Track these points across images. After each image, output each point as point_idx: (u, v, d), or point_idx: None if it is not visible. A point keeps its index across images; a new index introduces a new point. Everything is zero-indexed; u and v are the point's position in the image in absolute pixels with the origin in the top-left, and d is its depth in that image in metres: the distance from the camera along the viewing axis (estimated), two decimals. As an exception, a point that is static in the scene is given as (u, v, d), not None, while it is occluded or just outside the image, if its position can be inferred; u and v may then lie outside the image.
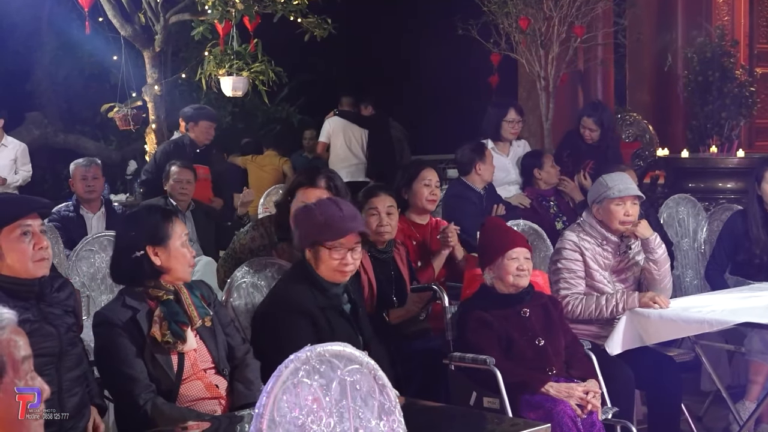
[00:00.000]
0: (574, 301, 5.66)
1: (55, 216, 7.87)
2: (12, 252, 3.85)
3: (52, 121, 14.96)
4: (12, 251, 3.84)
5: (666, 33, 13.61)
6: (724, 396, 5.86)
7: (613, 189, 5.70)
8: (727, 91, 12.12)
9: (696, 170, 10.63)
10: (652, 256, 5.75)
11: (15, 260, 3.86)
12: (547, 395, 4.94)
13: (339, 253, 4.56)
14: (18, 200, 4.20)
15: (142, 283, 4.22)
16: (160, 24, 9.69)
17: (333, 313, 4.63)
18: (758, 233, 6.52)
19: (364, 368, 3.20)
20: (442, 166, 11.50)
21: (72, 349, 4.00)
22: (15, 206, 4.02)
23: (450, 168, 11.56)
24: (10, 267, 3.85)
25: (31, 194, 12.10)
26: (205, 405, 4.17)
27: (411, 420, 3.30)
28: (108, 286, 6.22)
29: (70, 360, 3.98)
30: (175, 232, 4.23)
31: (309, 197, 5.08)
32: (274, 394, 3.01)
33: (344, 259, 4.58)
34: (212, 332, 4.30)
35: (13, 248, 3.84)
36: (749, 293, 6.08)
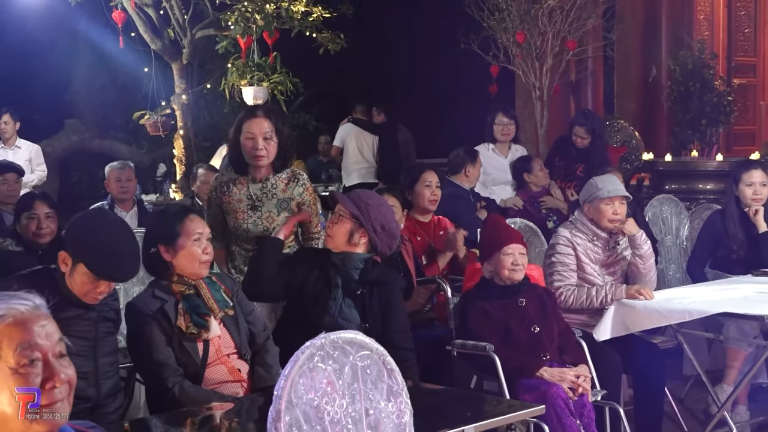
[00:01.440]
0: (567, 292, 5.66)
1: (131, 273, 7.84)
2: (80, 282, 3.86)
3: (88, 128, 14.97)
4: (81, 282, 3.86)
5: (651, 47, 13.61)
6: (704, 380, 5.84)
7: (603, 190, 5.70)
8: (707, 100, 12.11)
9: (678, 173, 10.62)
10: (638, 251, 5.75)
11: (78, 288, 3.88)
12: (542, 379, 4.93)
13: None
14: (124, 262, 4.19)
15: (165, 277, 4.24)
16: (187, 38, 9.69)
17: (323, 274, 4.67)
18: (735, 231, 6.50)
19: (374, 354, 3.20)
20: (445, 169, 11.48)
21: (107, 338, 4.02)
22: (118, 269, 4.01)
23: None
24: (73, 286, 3.88)
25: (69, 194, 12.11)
26: (229, 388, 4.17)
27: (417, 401, 3.30)
28: (139, 279, 6.20)
29: (105, 346, 4.00)
30: (186, 230, 4.19)
31: (253, 128, 5.06)
32: (291, 377, 3.01)
33: None
34: (235, 320, 4.31)
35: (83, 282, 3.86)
36: (727, 286, 6.08)
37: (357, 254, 4.64)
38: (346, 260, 4.63)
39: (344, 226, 4.63)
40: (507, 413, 4.00)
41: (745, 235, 6.50)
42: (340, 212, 4.66)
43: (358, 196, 4.73)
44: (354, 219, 4.61)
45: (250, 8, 9.18)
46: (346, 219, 4.63)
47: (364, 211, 4.61)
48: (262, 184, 5.17)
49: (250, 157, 5.09)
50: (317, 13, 9.54)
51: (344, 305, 4.62)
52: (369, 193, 4.88)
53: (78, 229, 3.98)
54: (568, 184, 8.52)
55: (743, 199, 6.49)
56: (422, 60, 15.87)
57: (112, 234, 4.05)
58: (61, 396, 2.25)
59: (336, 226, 4.66)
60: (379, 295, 4.67)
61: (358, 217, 4.60)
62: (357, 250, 4.64)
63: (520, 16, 11.13)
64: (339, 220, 4.65)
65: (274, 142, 5.12)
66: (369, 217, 4.61)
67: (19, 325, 2.23)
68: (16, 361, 2.20)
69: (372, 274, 4.67)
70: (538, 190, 8.18)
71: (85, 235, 3.94)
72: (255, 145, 5.07)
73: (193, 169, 9.27)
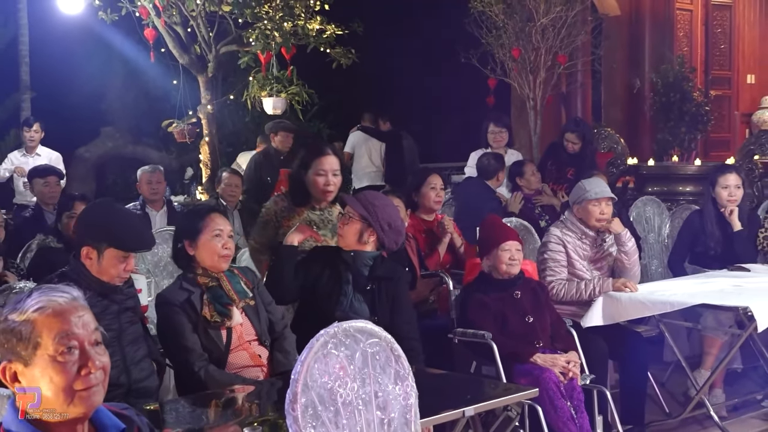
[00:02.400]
0: (558, 285, 5.65)
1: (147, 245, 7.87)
2: (107, 265, 3.91)
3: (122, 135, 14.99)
4: (108, 265, 3.91)
5: (635, 61, 13.60)
6: (684, 365, 5.84)
7: (591, 192, 5.70)
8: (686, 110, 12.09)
9: (660, 176, 10.60)
10: (623, 248, 5.75)
11: (105, 271, 3.92)
12: (535, 364, 4.94)
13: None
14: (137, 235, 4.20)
15: (191, 270, 4.26)
16: (212, 54, 9.70)
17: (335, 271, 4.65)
18: (712, 229, 6.50)
19: (383, 341, 3.21)
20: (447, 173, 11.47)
21: (129, 327, 4.02)
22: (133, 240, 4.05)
23: (454, 174, 11.54)
24: (101, 272, 3.91)
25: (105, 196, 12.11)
26: (250, 372, 4.18)
27: (421, 385, 3.30)
28: (169, 272, 6.23)
29: (129, 335, 4.00)
30: (206, 227, 4.23)
31: (324, 165, 5.05)
32: (307, 362, 3.01)
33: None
34: (255, 310, 4.32)
35: (109, 263, 3.91)
36: (704, 279, 6.08)
37: (366, 252, 4.63)
38: (356, 258, 4.61)
39: (354, 227, 4.62)
40: (503, 396, 4.01)
41: (721, 233, 6.49)
42: (350, 214, 4.65)
43: (365, 198, 4.71)
44: (363, 219, 4.60)
45: (269, 26, 9.18)
46: (356, 220, 4.62)
47: (371, 211, 4.60)
48: (321, 211, 5.18)
49: (319, 192, 5.08)
50: (330, 30, 9.54)
51: (354, 300, 4.60)
52: (375, 194, 4.86)
53: (91, 219, 4.02)
54: (560, 186, 8.52)
55: (719, 201, 6.48)
56: (425, 73, 15.88)
57: (122, 212, 4.20)
58: (96, 381, 2.24)
59: (346, 227, 4.65)
60: (387, 290, 4.65)
61: (366, 217, 4.59)
62: (366, 248, 4.63)
63: (515, 33, 11.13)
64: (349, 222, 4.64)
65: (340, 176, 5.14)
66: (377, 216, 4.59)
67: (58, 315, 2.23)
68: (55, 349, 2.20)
69: (380, 270, 4.65)
70: (531, 192, 8.18)
71: (101, 221, 4.00)
72: (326, 181, 5.07)
73: (217, 172, 9.27)
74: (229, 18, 9.48)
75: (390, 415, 3.19)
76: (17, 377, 2.22)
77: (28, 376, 2.21)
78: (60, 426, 2.23)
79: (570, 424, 4.79)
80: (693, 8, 14.04)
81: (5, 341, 2.22)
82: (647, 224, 7.92)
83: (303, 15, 9.34)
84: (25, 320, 2.21)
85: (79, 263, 3.91)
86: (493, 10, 11.14)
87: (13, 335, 2.21)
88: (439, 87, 15.80)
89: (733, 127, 14.33)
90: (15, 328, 2.21)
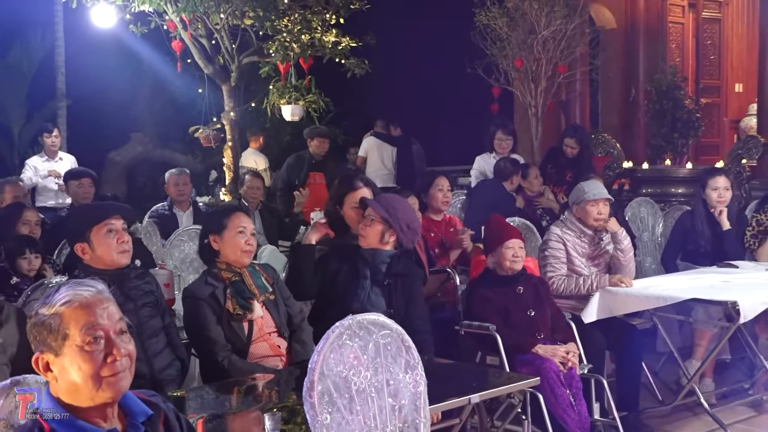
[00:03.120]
0: (558, 281, 5.64)
1: (154, 214, 7.89)
2: (100, 245, 3.93)
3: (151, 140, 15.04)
4: (100, 245, 3.92)
5: (630, 71, 13.57)
6: (676, 356, 5.83)
7: (589, 193, 5.69)
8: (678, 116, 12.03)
9: (654, 178, 10.58)
10: (619, 246, 5.73)
11: (103, 252, 3.93)
12: (537, 355, 4.93)
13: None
14: (105, 205, 4.26)
15: (215, 265, 4.27)
16: (234, 64, 9.70)
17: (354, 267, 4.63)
18: (703, 228, 6.48)
19: (394, 333, 3.20)
20: (454, 175, 11.47)
21: (149, 321, 4.01)
22: (102, 209, 4.11)
23: (460, 177, 11.53)
24: (99, 258, 3.93)
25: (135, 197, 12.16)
26: (270, 361, 4.18)
27: (430, 373, 3.30)
28: (194, 268, 6.23)
29: (149, 329, 3.99)
30: (231, 224, 4.26)
31: (356, 198, 4.99)
32: (323, 352, 3.01)
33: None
34: (275, 303, 4.32)
35: (101, 242, 3.93)
36: (695, 275, 6.06)
37: (385, 251, 4.62)
38: (375, 256, 4.60)
39: (376, 228, 4.60)
40: (507, 384, 4.01)
41: (711, 232, 6.47)
42: (372, 216, 4.63)
43: (386, 201, 4.70)
44: (384, 221, 4.59)
45: (288, 38, 9.19)
46: (378, 222, 4.61)
47: (392, 214, 4.59)
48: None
49: (356, 224, 4.97)
50: (345, 42, 9.54)
51: (372, 293, 4.59)
52: (394, 197, 4.85)
53: (67, 223, 4.08)
54: (559, 188, 8.51)
55: (709, 202, 6.46)
56: (434, 82, 15.86)
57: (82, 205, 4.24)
58: (122, 367, 2.25)
59: (369, 228, 4.62)
60: (402, 286, 4.65)
61: (387, 219, 4.58)
62: (386, 248, 4.63)
63: (518, 44, 11.11)
64: (371, 224, 4.62)
65: None
66: (397, 219, 4.59)
67: (84, 308, 2.25)
68: (82, 339, 2.22)
69: (397, 267, 4.65)
70: (533, 194, 8.18)
71: (73, 218, 4.07)
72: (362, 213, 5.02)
73: (240, 175, 9.28)
74: (250, 31, 9.49)
75: (401, 401, 3.19)
76: (49, 366, 2.23)
77: (58, 365, 2.22)
78: (91, 410, 2.24)
79: (569, 411, 4.78)
80: (684, 21, 14.04)
81: (37, 334, 2.24)
82: (642, 224, 7.90)
83: (320, 28, 9.34)
84: (53, 313, 2.23)
85: (84, 265, 3.94)
86: (498, 23, 11.14)
87: (44, 328, 2.23)
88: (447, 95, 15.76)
89: (722, 132, 14.30)
90: (45, 321, 2.23)
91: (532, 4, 10.96)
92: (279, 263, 5.78)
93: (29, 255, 5.26)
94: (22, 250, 5.26)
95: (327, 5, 9.43)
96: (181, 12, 8.95)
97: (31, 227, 5.94)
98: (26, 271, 5.23)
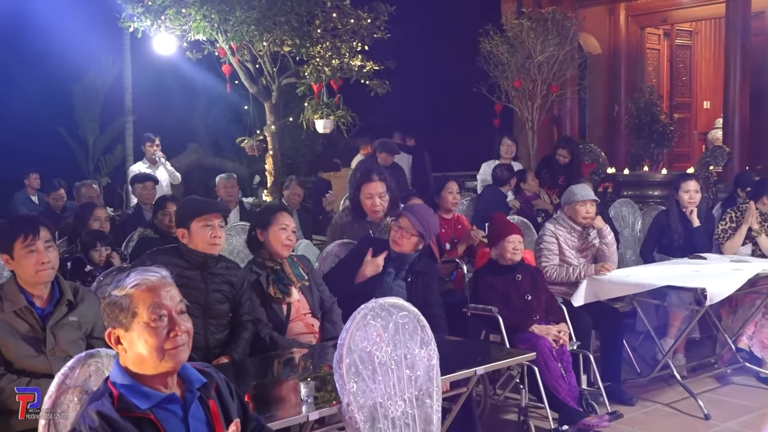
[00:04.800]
0: (551, 270, 5.61)
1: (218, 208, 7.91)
2: (196, 235, 3.94)
3: (204, 149, 15.10)
4: (196, 234, 3.94)
5: (613, 90, 13.52)
6: (652, 334, 5.80)
7: (578, 195, 5.67)
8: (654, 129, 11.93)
9: (633, 182, 10.51)
10: (604, 240, 5.70)
11: (197, 241, 3.94)
12: (533, 333, 4.91)
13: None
14: (208, 203, 4.23)
15: (260, 255, 4.27)
16: (275, 85, 9.72)
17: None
18: (676, 225, 6.42)
19: (411, 314, 3.21)
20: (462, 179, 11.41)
21: (217, 305, 3.96)
22: (205, 206, 4.08)
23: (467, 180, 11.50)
24: (194, 244, 3.94)
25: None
26: (305, 338, 4.18)
27: (441, 349, 3.29)
28: (241, 259, 6.23)
29: (214, 311, 3.96)
30: (277, 221, 4.27)
31: (370, 190, 5.08)
32: (350, 331, 3.01)
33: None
34: (310, 289, 4.32)
35: (197, 233, 3.94)
36: (669, 265, 6.02)
37: (411, 255, 4.69)
38: (402, 257, 4.67)
39: (413, 240, 4.66)
40: (507, 358, 4.00)
41: (683, 228, 6.42)
42: (409, 230, 4.64)
43: (421, 216, 4.68)
44: (420, 235, 4.64)
45: (321, 63, 9.20)
46: (415, 236, 4.64)
47: (426, 228, 4.65)
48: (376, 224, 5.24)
49: (369, 211, 5.08)
50: (369, 66, 9.54)
51: (395, 285, 4.64)
52: (426, 211, 4.83)
53: (177, 211, 4.10)
54: (552, 191, 8.48)
55: (682, 202, 6.41)
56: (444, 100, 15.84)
57: (193, 198, 4.32)
58: (182, 342, 2.27)
59: (406, 240, 4.65)
60: (422, 281, 4.71)
61: (423, 234, 4.64)
62: (413, 252, 4.68)
63: (517, 68, 11.09)
64: (409, 237, 4.65)
65: (387, 197, 5.12)
66: (429, 232, 4.69)
67: (150, 290, 2.27)
68: (149, 317, 2.24)
69: (419, 266, 4.72)
70: (530, 195, 8.16)
71: (182, 208, 4.06)
72: (373, 203, 5.06)
73: (279, 178, 9.28)
74: (288, 56, 9.50)
75: (416, 373, 3.19)
76: (119, 340, 2.26)
77: (128, 339, 2.25)
78: (154, 378, 2.26)
79: (560, 381, 4.76)
80: (660, 48, 13.99)
81: (110, 312, 2.26)
82: (623, 221, 7.85)
83: (347, 54, 9.34)
84: (125, 295, 2.25)
85: (181, 243, 3.98)
86: (499, 49, 11.13)
87: (116, 307, 2.25)
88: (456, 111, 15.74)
89: (692, 143, 14.21)
90: (117, 301, 2.25)
91: (529, 34, 10.94)
92: (313, 255, 5.77)
93: (99, 247, 5.30)
94: (94, 243, 5.30)
95: (354, 35, 9.42)
96: (229, 40, 8.98)
97: (101, 223, 5.97)
98: (97, 260, 5.27)
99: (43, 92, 12.64)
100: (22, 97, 12.15)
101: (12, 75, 12.11)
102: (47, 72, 12.55)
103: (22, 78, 12.23)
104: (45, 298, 3.43)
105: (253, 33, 8.90)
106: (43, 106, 12.75)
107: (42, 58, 12.04)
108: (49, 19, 11.50)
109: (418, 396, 3.17)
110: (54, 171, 9.83)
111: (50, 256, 3.40)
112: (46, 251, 3.39)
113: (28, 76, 12.29)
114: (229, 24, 8.84)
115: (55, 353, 3.31)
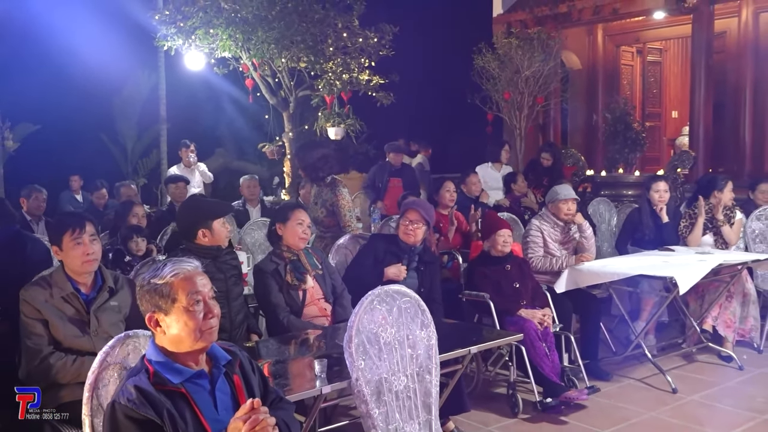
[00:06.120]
0: (537, 261, 5.61)
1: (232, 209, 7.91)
2: (218, 233, 3.95)
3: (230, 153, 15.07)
4: (218, 233, 3.95)
5: (592, 101, 13.48)
6: (626, 318, 5.78)
7: (561, 194, 5.66)
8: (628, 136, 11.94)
9: (609, 183, 10.51)
10: (584, 234, 5.70)
11: (218, 237, 3.95)
12: (520, 317, 4.91)
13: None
14: (226, 205, 4.26)
15: (279, 247, 4.27)
16: (292, 96, 9.73)
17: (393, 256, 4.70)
18: (647, 221, 6.40)
19: (412, 299, 3.20)
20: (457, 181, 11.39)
21: (234, 288, 4.01)
22: (224, 208, 4.12)
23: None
24: (213, 240, 3.94)
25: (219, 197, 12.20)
26: (319, 320, 4.18)
27: (440, 330, 3.28)
28: (263, 250, 6.25)
29: (234, 294, 4.00)
30: (294, 216, 4.28)
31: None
32: (359, 314, 3.01)
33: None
34: (323, 277, 4.32)
35: (219, 231, 3.95)
36: (642, 257, 6.00)
37: (418, 246, 4.75)
38: (413, 248, 4.73)
39: (423, 230, 4.73)
40: (497, 339, 4.00)
41: (654, 224, 6.40)
42: (419, 221, 4.70)
43: (424, 207, 4.79)
44: (427, 224, 4.73)
45: (333, 77, 9.20)
46: (424, 224, 4.72)
47: (430, 216, 4.76)
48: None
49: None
50: (376, 79, 9.53)
51: (408, 275, 4.71)
52: (425, 202, 4.99)
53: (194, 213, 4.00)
54: (537, 190, 8.47)
55: (653, 201, 6.39)
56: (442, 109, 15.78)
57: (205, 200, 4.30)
58: (215, 324, 2.29)
59: (419, 231, 4.72)
60: (429, 270, 4.78)
61: (429, 222, 4.73)
62: (420, 242, 4.74)
63: (506, 82, 11.10)
64: (420, 228, 4.72)
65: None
66: (432, 220, 4.78)
67: (188, 279, 2.28)
68: (188, 302, 2.25)
69: (426, 257, 4.79)
70: (519, 194, 8.15)
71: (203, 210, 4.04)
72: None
73: (296, 179, 9.28)
74: (304, 71, 9.51)
75: (417, 352, 3.18)
76: (158, 323, 2.26)
77: (167, 321, 2.25)
78: (187, 356, 2.27)
79: (545, 359, 4.76)
80: (633, 64, 13.95)
81: (150, 298, 2.27)
82: (600, 218, 7.84)
83: (356, 69, 9.34)
84: (165, 282, 2.26)
85: (194, 244, 3.92)
86: (491, 65, 11.13)
87: (157, 293, 2.26)
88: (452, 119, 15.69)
89: (662, 148, 14.15)
90: (158, 288, 2.26)
91: (517, 51, 10.93)
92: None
93: (137, 239, 5.30)
94: (131, 236, 5.30)
95: (362, 52, 9.41)
96: (252, 57, 8.99)
97: (139, 219, 5.98)
98: (135, 252, 5.27)
99: (87, 103, 12.68)
100: (69, 108, 12.19)
101: (60, 89, 12.12)
102: (91, 86, 12.56)
103: (69, 92, 12.24)
104: (89, 285, 3.44)
105: (273, 51, 8.90)
106: (87, 115, 12.81)
107: (86, 74, 12.05)
108: (93, 39, 11.51)
109: (418, 372, 3.17)
110: (97, 173, 9.85)
111: (94, 248, 3.42)
112: (91, 244, 3.41)
113: (74, 90, 12.30)
114: (251, 43, 8.84)
115: (98, 334, 3.32)
